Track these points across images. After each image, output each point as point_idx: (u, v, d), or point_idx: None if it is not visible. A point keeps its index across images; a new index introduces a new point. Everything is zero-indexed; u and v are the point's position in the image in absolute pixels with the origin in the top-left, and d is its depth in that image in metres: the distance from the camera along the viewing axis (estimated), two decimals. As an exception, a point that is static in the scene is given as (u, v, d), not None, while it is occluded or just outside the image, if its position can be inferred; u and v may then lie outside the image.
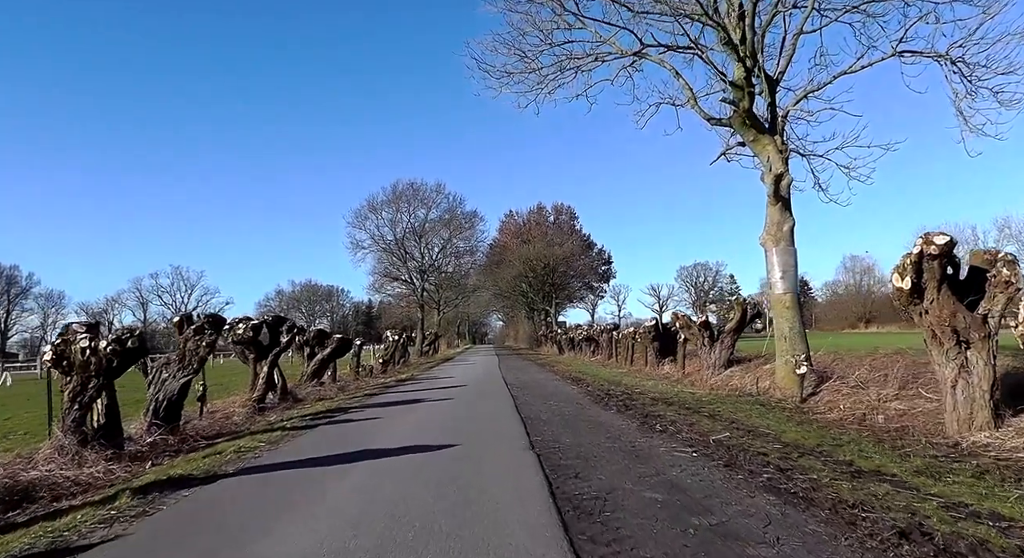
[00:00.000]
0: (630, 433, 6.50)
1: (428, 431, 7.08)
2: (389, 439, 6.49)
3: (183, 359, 8.71)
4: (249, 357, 12.03)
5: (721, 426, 7.01)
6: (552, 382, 14.81)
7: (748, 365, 13.52)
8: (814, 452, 5.48)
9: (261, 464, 5.50)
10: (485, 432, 6.85)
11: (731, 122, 10.86)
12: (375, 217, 40.89)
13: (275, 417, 10.72)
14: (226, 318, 9.22)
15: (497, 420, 7.78)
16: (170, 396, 8.49)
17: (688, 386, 13.02)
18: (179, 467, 5.86)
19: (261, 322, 11.84)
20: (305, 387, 15.26)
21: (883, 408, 8.25)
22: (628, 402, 9.67)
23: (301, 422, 8.86)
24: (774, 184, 10.20)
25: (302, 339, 16.51)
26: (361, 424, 8.00)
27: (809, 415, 8.42)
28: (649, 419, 7.53)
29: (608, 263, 63.12)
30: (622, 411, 8.44)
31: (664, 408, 8.81)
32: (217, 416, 10.20)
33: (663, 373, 16.61)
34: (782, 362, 10.48)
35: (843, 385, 9.70)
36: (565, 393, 11.56)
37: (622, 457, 5.14)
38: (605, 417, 7.89)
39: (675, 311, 16.19)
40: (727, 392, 11.26)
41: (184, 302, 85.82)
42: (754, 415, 8.24)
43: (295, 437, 7.20)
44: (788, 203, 10.69)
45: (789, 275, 10.59)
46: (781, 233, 10.60)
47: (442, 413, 8.91)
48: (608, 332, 25.89)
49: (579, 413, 8.37)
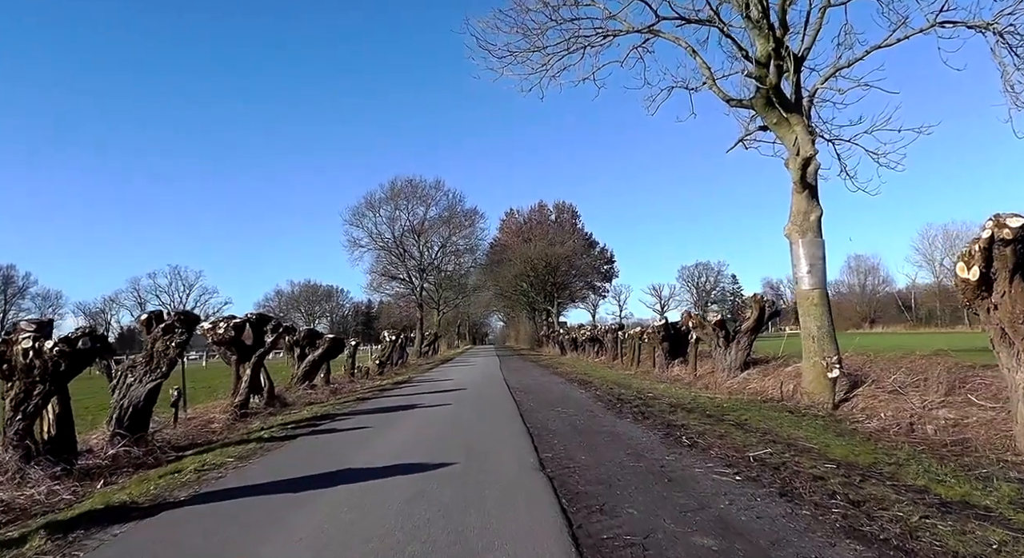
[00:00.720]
0: (654, 448, 5.63)
1: (421, 444, 6.21)
2: (375, 455, 5.62)
3: (150, 361, 7.85)
4: (231, 359, 11.17)
5: (755, 439, 6.14)
6: (557, 385, 13.93)
7: (766, 367, 12.66)
8: (876, 474, 4.61)
9: (220, 488, 4.63)
10: (486, 446, 5.98)
11: (753, 103, 9.99)
12: (373, 215, 40.05)
13: (258, 423, 9.88)
14: (200, 316, 8.34)
15: (500, 431, 6.91)
16: (136, 403, 7.64)
17: (703, 390, 12.16)
18: (129, 489, 5.00)
19: (244, 321, 10.97)
20: (295, 390, 14.40)
21: (930, 417, 7.37)
22: (644, 409, 8.79)
23: (282, 431, 8.00)
24: (801, 169, 9.32)
25: (292, 339, 15.65)
26: (347, 435, 7.14)
27: (846, 424, 7.56)
28: (672, 430, 6.66)
29: (611, 262, 62.24)
30: (639, 420, 7.57)
31: (685, 416, 7.94)
32: (194, 423, 9.35)
33: (673, 375, 15.75)
34: (810, 364, 9.61)
35: (879, 390, 8.82)
36: (573, 398, 10.68)
37: (653, 481, 4.27)
38: (622, 427, 7.02)
39: (687, 310, 15.30)
40: (748, 397, 10.39)
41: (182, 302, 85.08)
42: (786, 424, 7.37)
43: (270, 451, 6.34)
44: (815, 190, 9.82)
45: (817, 269, 9.71)
46: (808, 223, 9.72)
47: (438, 421, 8.05)
48: (613, 332, 25.01)
49: (592, 422, 7.50)
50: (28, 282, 73.02)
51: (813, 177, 9.74)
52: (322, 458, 5.60)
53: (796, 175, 9.54)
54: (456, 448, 5.85)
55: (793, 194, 9.86)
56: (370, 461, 5.27)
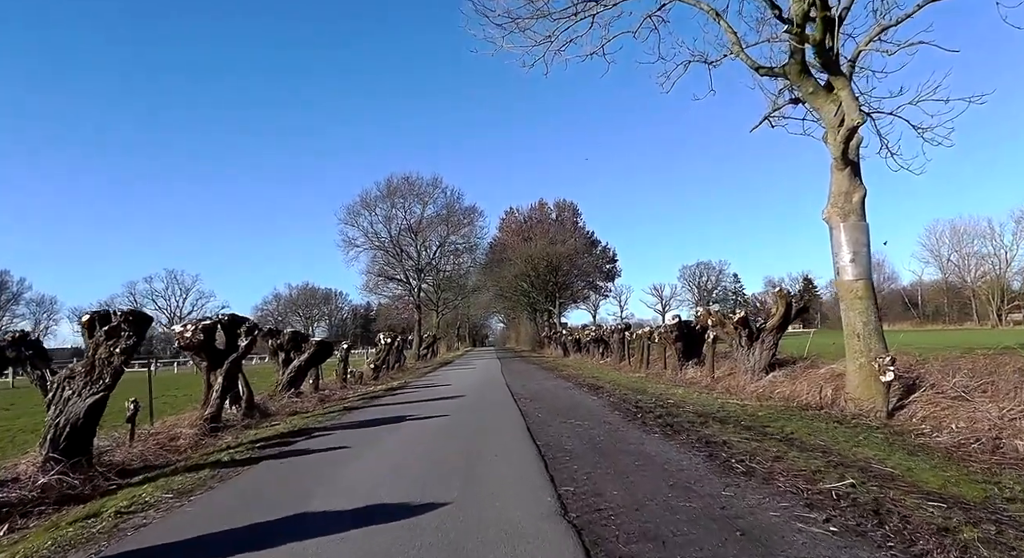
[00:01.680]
0: (702, 476, 4.45)
1: (406, 472, 5.02)
2: (346, 491, 4.44)
3: (92, 371, 6.69)
4: (201, 366, 9.99)
5: (819, 461, 4.96)
6: (565, 390, 12.72)
7: (792, 369, 11.48)
8: (1005, 519, 3.44)
9: (130, 548, 3.44)
10: (488, 474, 4.79)
11: (786, 70, 8.83)
12: (368, 213, 38.81)
13: (230, 439, 8.74)
14: (152, 317, 7.18)
15: (504, 452, 5.72)
16: (75, 421, 6.48)
17: (725, 394, 10.98)
18: (25, 544, 3.82)
19: (214, 323, 9.79)
20: (280, 398, 13.22)
21: (1016, 430, 6.20)
22: (670, 419, 7.61)
23: (248, 451, 6.83)
24: (844, 141, 8.15)
25: (276, 343, 14.46)
26: (320, 458, 5.94)
27: (911, 438, 6.39)
28: (713, 449, 5.47)
29: (613, 261, 60.97)
30: (670, 435, 6.37)
31: (720, 429, 6.76)
32: (157, 440, 8.18)
33: (688, 378, 14.58)
34: (855, 366, 8.43)
35: (939, 395, 7.64)
36: (586, 406, 9.47)
37: (720, 536, 3.07)
38: (652, 445, 5.82)
39: (705, 307, 14.11)
40: (781, 403, 9.21)
41: (179, 306, 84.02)
42: (841, 439, 6.21)
43: (223, 480, 5.16)
44: (857, 168, 8.65)
45: (861, 257, 8.53)
46: (850, 205, 8.55)
47: (431, 439, 6.86)
48: (620, 332, 23.84)
49: (614, 438, 6.30)
50: (22, 288, 71.98)
51: (855, 152, 8.58)
52: (277, 495, 4.41)
53: (837, 150, 8.37)
54: (450, 478, 4.67)
55: (832, 173, 8.70)
56: (337, 502, 4.09)
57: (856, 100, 7.65)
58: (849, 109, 7.59)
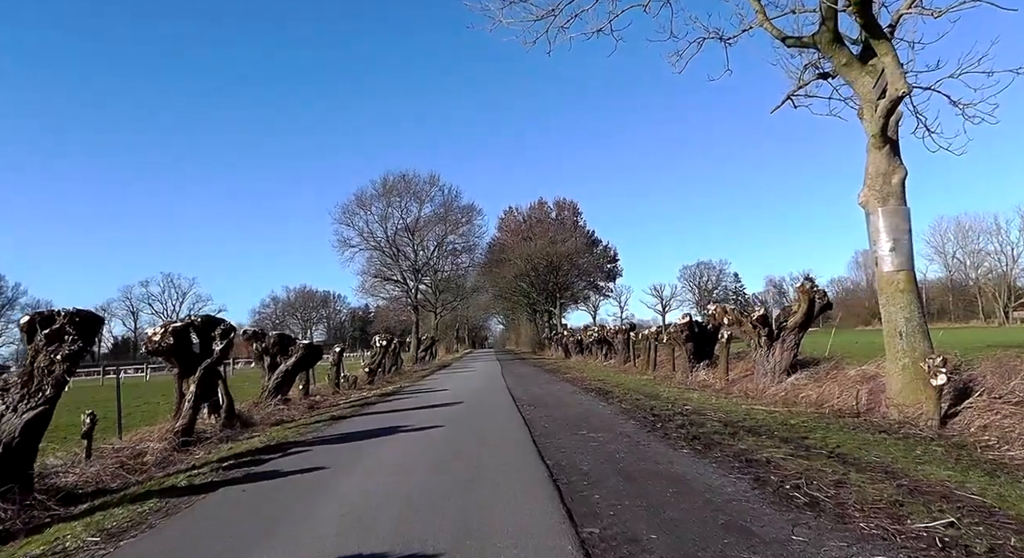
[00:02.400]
0: (758, 511, 3.54)
1: (387, 508, 4.09)
2: (309, 535, 3.54)
3: (30, 382, 5.79)
4: (173, 372, 9.10)
5: (887, 486, 4.07)
6: (572, 395, 11.81)
7: (815, 370, 10.61)
8: None
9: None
10: (490, 510, 3.88)
11: (816, 40, 7.96)
12: (364, 213, 37.86)
13: (202, 453, 7.88)
14: (103, 318, 6.27)
15: (509, 476, 4.81)
16: (8, 441, 5.58)
17: (745, 399, 10.10)
18: None
19: (185, 325, 8.89)
20: (266, 406, 12.31)
21: (1104, 441, 5.34)
22: (694, 430, 6.71)
23: (213, 472, 5.93)
24: (884, 116, 7.27)
25: (261, 347, 13.55)
26: (289, 484, 5.04)
27: (977, 452, 5.50)
28: (757, 469, 4.58)
29: (614, 261, 59.98)
30: (700, 451, 5.46)
31: (755, 442, 5.87)
32: (120, 457, 7.30)
33: (700, 381, 13.68)
34: (898, 367, 7.55)
35: (997, 401, 6.77)
36: (597, 414, 8.56)
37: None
38: (684, 465, 4.91)
39: (720, 304, 13.22)
40: (812, 410, 8.32)
41: (175, 310, 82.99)
42: (897, 454, 5.32)
43: (163, 519, 4.24)
44: (897, 146, 7.79)
45: (902, 245, 7.64)
46: (889, 187, 7.68)
47: (422, 458, 5.95)
48: (624, 333, 22.93)
49: (637, 455, 5.39)
50: (17, 292, 71.06)
51: (895, 128, 7.71)
52: (222, 542, 3.50)
53: (876, 126, 7.49)
54: (442, 515, 3.77)
55: (869, 152, 7.82)
56: (297, 550, 3.19)
57: (901, 67, 6.77)
58: (893, 77, 6.70)
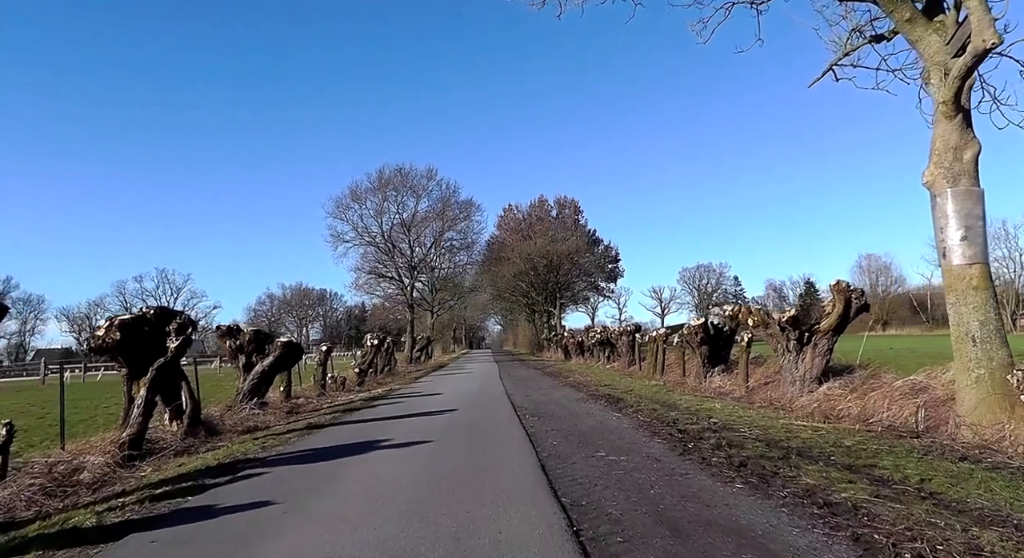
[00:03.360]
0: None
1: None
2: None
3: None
4: (122, 373, 7.86)
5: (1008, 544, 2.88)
6: (579, 404, 10.56)
7: (849, 379, 9.44)
8: None
9: None
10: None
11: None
12: (359, 207, 36.54)
13: (148, 471, 6.71)
14: (8, 307, 5.06)
15: (509, 528, 3.55)
16: None
17: (773, 410, 8.91)
18: None
19: (135, 318, 7.66)
20: (239, 410, 11.05)
21: None
22: (734, 453, 5.49)
23: (139, 502, 4.72)
24: (961, 78, 6.09)
25: (235, 344, 12.31)
26: (221, 528, 3.81)
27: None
28: (848, 521, 3.37)
29: (616, 261, 58.65)
30: (756, 485, 4.24)
31: (820, 474, 4.65)
32: (50, 475, 6.10)
33: (715, 388, 12.50)
34: (970, 379, 6.35)
35: (1099, 419, 5.59)
36: (613, 429, 7.30)
37: None
38: (745, 511, 3.64)
39: (741, 304, 12.00)
40: (860, 426, 7.12)
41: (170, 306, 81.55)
42: (1010, 496, 4.11)
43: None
44: (969, 116, 6.60)
45: (975, 233, 6.44)
46: (960, 165, 6.48)
47: (401, 488, 4.71)
48: (629, 334, 21.73)
49: (676, 492, 4.13)
50: (9, 286, 69.67)
51: (967, 95, 6.53)
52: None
53: (948, 91, 6.30)
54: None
55: (937, 124, 6.64)
56: None
57: (990, 12, 5.56)
58: (981, 25, 5.50)
